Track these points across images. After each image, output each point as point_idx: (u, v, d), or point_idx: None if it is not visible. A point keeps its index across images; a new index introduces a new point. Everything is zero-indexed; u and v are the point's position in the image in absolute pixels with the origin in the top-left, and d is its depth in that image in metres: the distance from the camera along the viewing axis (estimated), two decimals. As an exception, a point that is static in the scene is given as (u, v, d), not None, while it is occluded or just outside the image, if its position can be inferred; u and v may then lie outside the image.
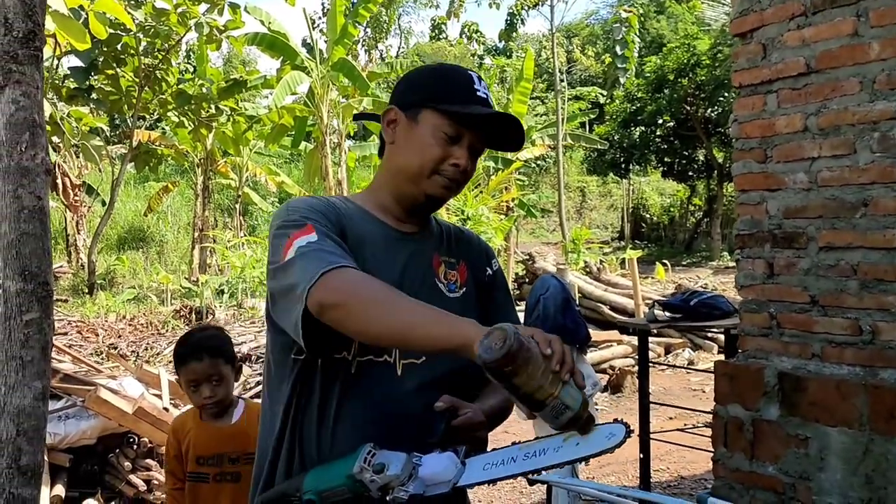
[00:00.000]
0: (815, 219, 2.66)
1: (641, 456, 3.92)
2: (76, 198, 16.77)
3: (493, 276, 1.71)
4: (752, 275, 2.87)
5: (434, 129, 1.52)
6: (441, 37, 41.17)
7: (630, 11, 29.93)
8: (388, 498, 1.33)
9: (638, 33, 30.71)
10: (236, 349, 7.40)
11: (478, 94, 1.54)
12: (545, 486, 2.82)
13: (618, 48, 30.31)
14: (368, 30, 33.92)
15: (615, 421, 1.29)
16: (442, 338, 1.26)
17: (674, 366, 8.42)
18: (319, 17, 30.68)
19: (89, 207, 18.23)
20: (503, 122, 1.55)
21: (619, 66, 30.15)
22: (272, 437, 1.52)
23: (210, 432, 2.53)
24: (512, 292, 9.66)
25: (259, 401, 1.75)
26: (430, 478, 1.36)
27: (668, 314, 3.87)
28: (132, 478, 4.66)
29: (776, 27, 2.78)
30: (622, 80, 29.06)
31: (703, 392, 7.58)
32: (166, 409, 4.74)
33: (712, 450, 2.99)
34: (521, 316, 4.60)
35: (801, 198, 2.71)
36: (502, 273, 1.76)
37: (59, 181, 15.73)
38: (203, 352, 2.52)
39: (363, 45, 33.81)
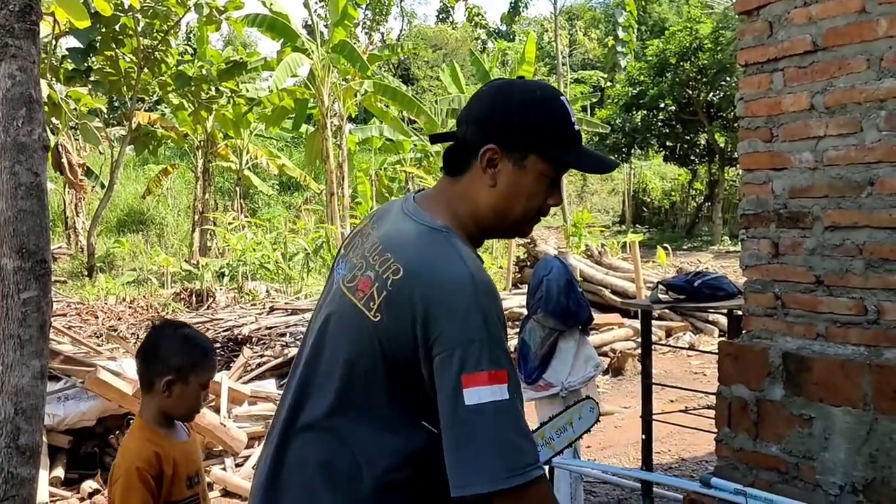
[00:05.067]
0: (821, 198, 2.63)
1: (643, 437, 3.91)
2: (81, 178, 16.72)
3: None
4: (757, 255, 2.85)
5: (540, 175, 1.48)
6: (447, 20, 40.94)
7: (631, -6, 29.76)
8: None
9: (637, 18, 30.53)
10: (237, 332, 7.44)
11: (576, 128, 1.50)
12: (547, 467, 2.82)
13: (619, 31, 30.13)
14: (369, 12, 33.70)
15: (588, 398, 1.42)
16: None
17: (675, 347, 8.42)
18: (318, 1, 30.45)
19: (92, 188, 18.20)
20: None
21: (619, 49, 29.97)
22: None
23: (185, 449, 2.31)
24: (513, 275, 9.58)
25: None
26: None
27: (671, 295, 3.85)
28: (133, 458, 4.66)
29: (783, 4, 2.74)
30: (622, 64, 28.90)
31: (705, 375, 7.59)
32: (166, 390, 4.73)
33: (714, 432, 2.98)
34: (524, 298, 4.58)
35: (807, 177, 2.68)
36: None
37: (63, 160, 15.66)
38: (213, 352, 2.40)
39: (363, 28, 33.60)
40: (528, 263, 12.06)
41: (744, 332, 2.95)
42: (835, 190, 2.59)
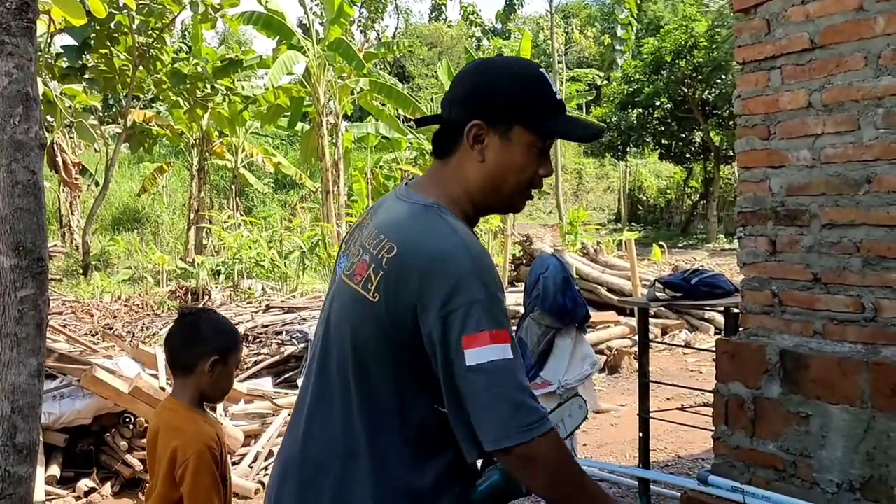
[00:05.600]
0: (819, 196, 2.64)
1: (640, 435, 3.92)
2: (76, 176, 16.67)
3: None
4: (755, 252, 2.85)
5: (528, 146, 1.50)
6: (440, 17, 40.88)
7: (630, -8, 29.77)
8: None
9: (636, 15, 30.54)
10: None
11: (558, 97, 1.52)
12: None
13: (618, 29, 30.12)
14: (364, 10, 33.65)
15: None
16: None
17: (672, 345, 8.43)
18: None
19: (88, 187, 18.13)
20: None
21: (617, 47, 29.98)
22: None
23: (220, 429, 2.40)
24: (509, 273, 9.56)
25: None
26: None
27: (668, 293, 3.85)
28: (128, 457, 4.65)
29: (780, 2, 2.75)
30: (619, 62, 28.90)
31: (700, 373, 7.60)
32: (163, 389, 4.72)
33: (710, 429, 2.99)
34: (521, 297, 4.58)
35: (805, 175, 2.68)
36: None
37: (58, 159, 15.62)
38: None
39: (359, 26, 33.53)
40: (524, 261, 12.05)
41: (741, 329, 2.95)
42: (832, 188, 2.60)
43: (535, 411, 1.33)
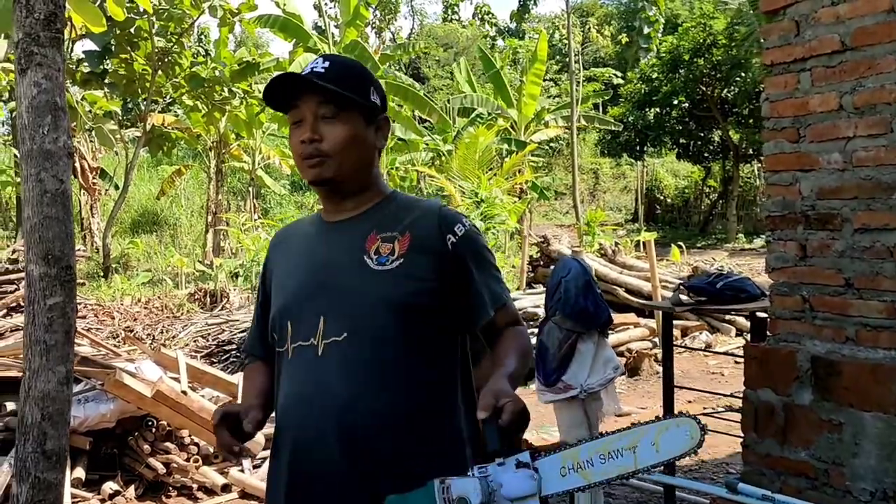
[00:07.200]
0: (850, 199, 2.60)
1: (665, 440, 3.88)
2: (94, 181, 16.81)
3: (456, 244, 1.66)
4: (784, 257, 2.81)
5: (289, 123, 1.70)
6: (453, 18, 40.87)
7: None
8: None
9: (663, 13, 30.38)
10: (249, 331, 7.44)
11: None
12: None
13: (644, 27, 29.93)
14: (378, 11, 33.68)
15: (683, 415, 1.26)
16: None
17: (692, 348, 8.37)
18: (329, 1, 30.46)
19: (106, 191, 18.27)
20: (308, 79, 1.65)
21: (642, 45, 29.79)
22: None
23: None
24: (526, 275, 9.47)
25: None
26: (513, 495, 1.33)
27: (692, 297, 3.81)
28: (151, 461, 4.67)
29: (809, 3, 2.71)
30: (644, 60, 28.73)
31: (722, 375, 7.54)
32: (184, 393, 4.74)
33: (734, 434, 2.95)
34: (539, 298, 4.54)
35: (836, 178, 2.64)
36: (473, 239, 1.70)
37: (76, 164, 15.75)
38: None
39: (373, 28, 33.60)
40: (542, 263, 12.00)
41: (770, 335, 2.91)
42: (864, 191, 2.56)
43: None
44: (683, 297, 3.82)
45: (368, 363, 1.58)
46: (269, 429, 4.86)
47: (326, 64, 1.65)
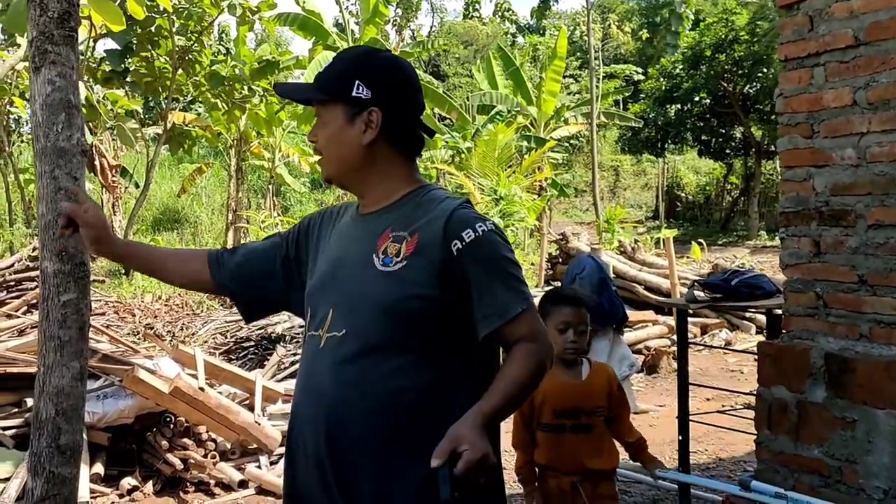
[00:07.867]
0: (864, 196, 2.58)
1: (680, 438, 3.87)
2: (113, 179, 16.95)
3: (462, 250, 1.58)
4: (798, 253, 2.79)
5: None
6: (474, 15, 40.81)
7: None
8: None
9: (692, 9, 30.16)
10: (270, 330, 7.49)
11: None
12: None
13: (672, 23, 29.72)
14: (399, 9, 33.69)
15: None
16: None
17: (711, 346, 8.31)
18: (350, -2, 30.52)
19: (126, 189, 18.43)
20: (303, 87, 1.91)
21: (669, 42, 29.58)
22: None
23: (566, 388, 2.76)
24: (545, 272, 9.43)
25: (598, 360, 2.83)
26: None
27: (707, 294, 3.79)
28: (169, 456, 4.71)
29: (823, -2, 2.68)
30: (670, 56, 28.55)
31: (741, 373, 7.48)
32: (202, 389, 4.78)
33: (751, 432, 2.93)
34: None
35: (850, 174, 2.62)
36: (486, 245, 1.60)
37: (96, 162, 15.90)
38: (580, 300, 2.85)
39: (393, 25, 33.60)
40: (560, 260, 11.98)
41: (784, 332, 2.89)
42: (879, 187, 2.53)
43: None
44: (698, 294, 3.79)
45: (356, 364, 1.57)
46: (286, 425, 4.88)
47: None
